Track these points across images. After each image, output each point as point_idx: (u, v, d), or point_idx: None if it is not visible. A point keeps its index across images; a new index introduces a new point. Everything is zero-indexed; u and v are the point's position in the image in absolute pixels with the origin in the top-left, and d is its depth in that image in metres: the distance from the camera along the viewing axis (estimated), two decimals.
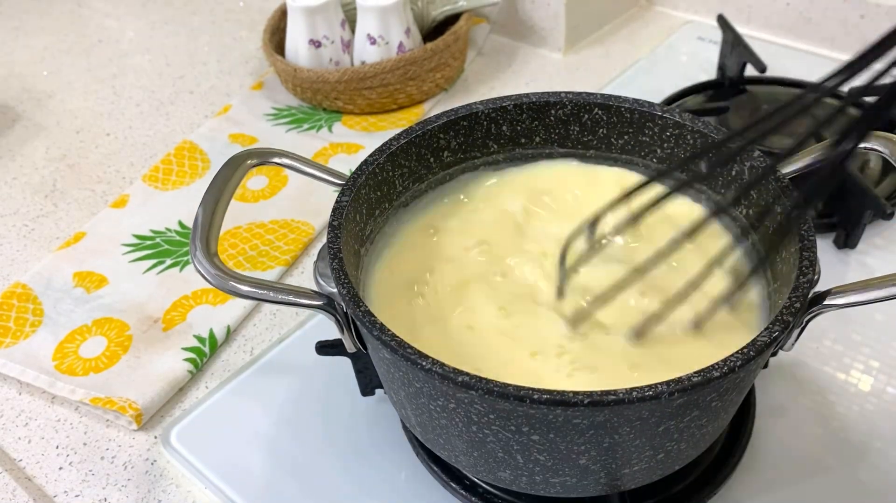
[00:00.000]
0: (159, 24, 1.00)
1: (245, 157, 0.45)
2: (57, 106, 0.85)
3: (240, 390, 0.53)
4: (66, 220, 0.70)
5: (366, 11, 0.76)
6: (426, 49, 0.76)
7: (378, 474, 0.48)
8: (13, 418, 0.54)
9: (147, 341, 0.57)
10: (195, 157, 0.74)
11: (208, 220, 0.41)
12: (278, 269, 0.62)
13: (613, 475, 0.38)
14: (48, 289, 0.62)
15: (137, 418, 0.52)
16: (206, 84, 0.87)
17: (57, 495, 0.49)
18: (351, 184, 0.43)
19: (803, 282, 0.36)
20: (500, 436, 0.36)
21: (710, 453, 0.46)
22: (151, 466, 0.50)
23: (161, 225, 0.67)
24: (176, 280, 0.62)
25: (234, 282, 0.38)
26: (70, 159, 0.77)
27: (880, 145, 0.41)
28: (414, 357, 0.34)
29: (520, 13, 0.88)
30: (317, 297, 0.40)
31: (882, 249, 0.60)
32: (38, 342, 0.57)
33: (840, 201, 0.59)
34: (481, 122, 0.48)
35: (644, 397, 0.32)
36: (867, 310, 0.54)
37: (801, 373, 0.52)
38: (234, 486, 0.48)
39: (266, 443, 0.50)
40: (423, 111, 0.80)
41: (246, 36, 0.96)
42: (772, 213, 0.42)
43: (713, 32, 0.83)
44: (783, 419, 0.49)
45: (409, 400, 0.39)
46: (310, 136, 0.77)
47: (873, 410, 0.49)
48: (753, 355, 0.33)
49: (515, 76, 0.85)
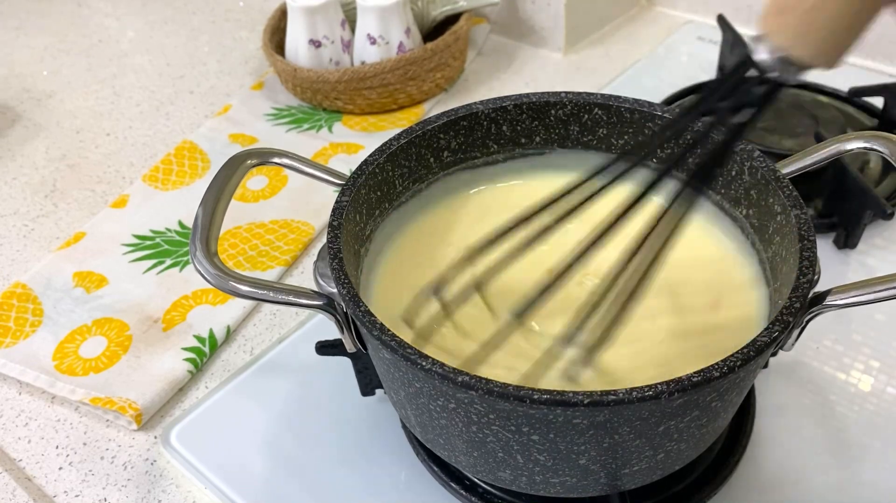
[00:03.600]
0: (159, 24, 1.00)
1: (245, 157, 0.45)
2: (57, 106, 0.85)
3: (240, 390, 0.53)
4: (66, 220, 0.70)
5: (366, 11, 0.76)
6: (426, 49, 0.76)
7: (378, 474, 0.48)
8: (13, 418, 0.54)
9: (147, 341, 0.57)
10: (195, 157, 0.74)
11: (208, 220, 0.41)
12: (278, 269, 0.62)
13: (613, 475, 0.38)
14: (48, 289, 0.62)
15: (137, 418, 0.52)
16: (206, 84, 0.87)
17: (57, 495, 0.49)
18: (351, 184, 0.43)
19: (803, 283, 0.36)
20: (500, 436, 0.36)
21: (710, 453, 0.46)
22: (151, 466, 0.50)
23: (161, 225, 0.67)
24: (176, 280, 0.62)
25: (234, 282, 0.38)
26: (70, 159, 0.77)
27: (880, 145, 0.41)
28: (414, 357, 0.34)
29: (520, 13, 0.88)
30: (317, 297, 0.40)
31: (882, 249, 0.60)
32: (38, 342, 0.57)
33: (840, 201, 0.59)
34: (481, 122, 0.48)
35: (644, 397, 0.32)
36: (867, 310, 0.54)
37: (801, 373, 0.52)
38: (234, 486, 0.48)
39: (266, 443, 0.50)
40: (423, 111, 0.80)
41: (246, 36, 0.96)
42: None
43: (713, 32, 0.83)
44: (783, 419, 0.49)
45: (409, 400, 0.39)
46: (310, 136, 0.77)
47: (873, 410, 0.49)
48: (753, 355, 0.33)
49: (515, 76, 0.85)
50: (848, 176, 0.58)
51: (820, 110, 0.70)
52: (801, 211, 0.39)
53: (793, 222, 0.39)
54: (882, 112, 0.68)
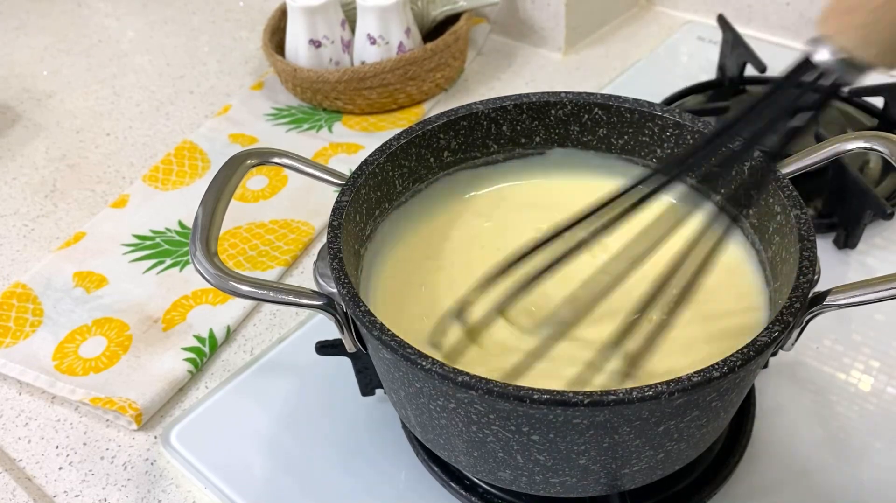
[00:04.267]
0: (159, 24, 1.00)
1: (245, 157, 0.45)
2: (57, 106, 0.85)
3: (240, 390, 0.53)
4: (66, 220, 0.70)
5: (366, 11, 0.76)
6: (426, 49, 0.76)
7: (378, 474, 0.48)
8: (13, 418, 0.54)
9: (147, 341, 0.57)
10: (195, 157, 0.74)
11: (208, 220, 0.41)
12: (278, 269, 0.62)
13: (613, 475, 0.38)
14: (48, 289, 0.62)
15: (137, 418, 0.52)
16: (206, 84, 0.87)
17: (57, 495, 0.49)
18: (351, 184, 0.43)
19: (803, 282, 0.36)
20: (500, 436, 0.36)
21: (710, 453, 0.46)
22: (151, 466, 0.50)
23: (161, 225, 0.67)
24: (176, 280, 0.62)
25: (234, 282, 0.38)
26: (70, 159, 0.77)
27: (880, 145, 0.41)
28: (414, 357, 0.34)
29: (520, 13, 0.88)
30: (317, 297, 0.40)
31: (882, 249, 0.60)
32: (38, 342, 0.57)
33: (840, 201, 0.59)
34: (481, 122, 0.48)
35: (644, 397, 0.32)
36: (867, 310, 0.54)
37: (801, 373, 0.52)
38: (234, 486, 0.48)
39: (266, 443, 0.50)
40: (423, 111, 0.80)
41: (246, 36, 0.96)
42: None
43: (713, 32, 0.83)
44: (783, 419, 0.49)
45: (409, 400, 0.39)
46: (310, 136, 0.77)
47: (873, 410, 0.49)
48: (753, 355, 0.33)
49: (515, 76, 0.85)
50: (848, 176, 0.58)
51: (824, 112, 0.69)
52: (801, 211, 0.39)
53: (793, 222, 0.39)
54: (882, 112, 0.68)
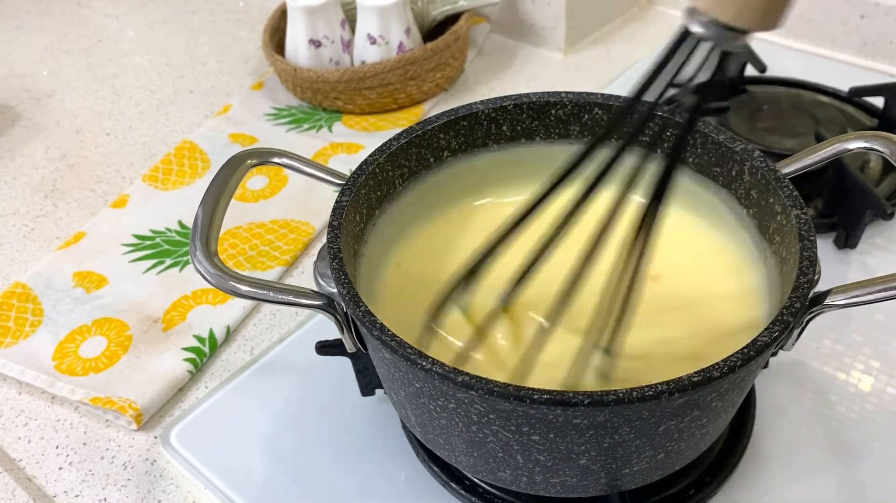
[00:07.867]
0: (159, 24, 1.00)
1: (245, 157, 0.45)
2: (57, 106, 0.85)
3: (240, 390, 0.53)
4: (66, 220, 0.70)
5: (366, 11, 0.76)
6: (426, 49, 0.76)
7: (378, 474, 0.48)
8: (13, 418, 0.54)
9: (147, 341, 0.57)
10: (195, 157, 0.74)
11: (208, 219, 0.41)
12: (278, 269, 0.62)
13: (613, 475, 0.38)
14: (48, 289, 0.62)
15: (137, 418, 0.52)
16: (206, 84, 0.87)
17: (57, 495, 0.49)
18: (351, 184, 0.43)
19: (803, 282, 0.36)
20: (500, 436, 0.36)
21: (710, 453, 0.46)
22: (151, 466, 0.50)
23: (161, 225, 0.67)
24: (176, 280, 0.62)
25: (233, 282, 0.38)
26: (70, 159, 0.77)
27: (881, 145, 0.41)
28: (414, 357, 0.34)
29: (520, 13, 0.88)
30: (317, 297, 0.40)
31: (882, 249, 0.60)
32: (37, 342, 0.57)
33: (840, 201, 0.59)
34: (481, 122, 0.48)
35: (644, 397, 0.32)
36: (867, 310, 0.54)
37: (801, 373, 0.51)
38: (234, 486, 0.48)
39: (266, 443, 0.50)
40: (423, 111, 0.80)
41: (246, 36, 0.96)
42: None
43: None
44: (783, 419, 0.49)
45: (409, 400, 0.39)
46: (310, 136, 0.77)
47: (873, 410, 0.49)
48: (753, 355, 0.33)
49: (515, 76, 0.85)
50: (848, 176, 0.58)
51: (820, 110, 0.70)
52: (801, 211, 0.39)
53: (793, 222, 0.39)
54: (882, 112, 0.68)
